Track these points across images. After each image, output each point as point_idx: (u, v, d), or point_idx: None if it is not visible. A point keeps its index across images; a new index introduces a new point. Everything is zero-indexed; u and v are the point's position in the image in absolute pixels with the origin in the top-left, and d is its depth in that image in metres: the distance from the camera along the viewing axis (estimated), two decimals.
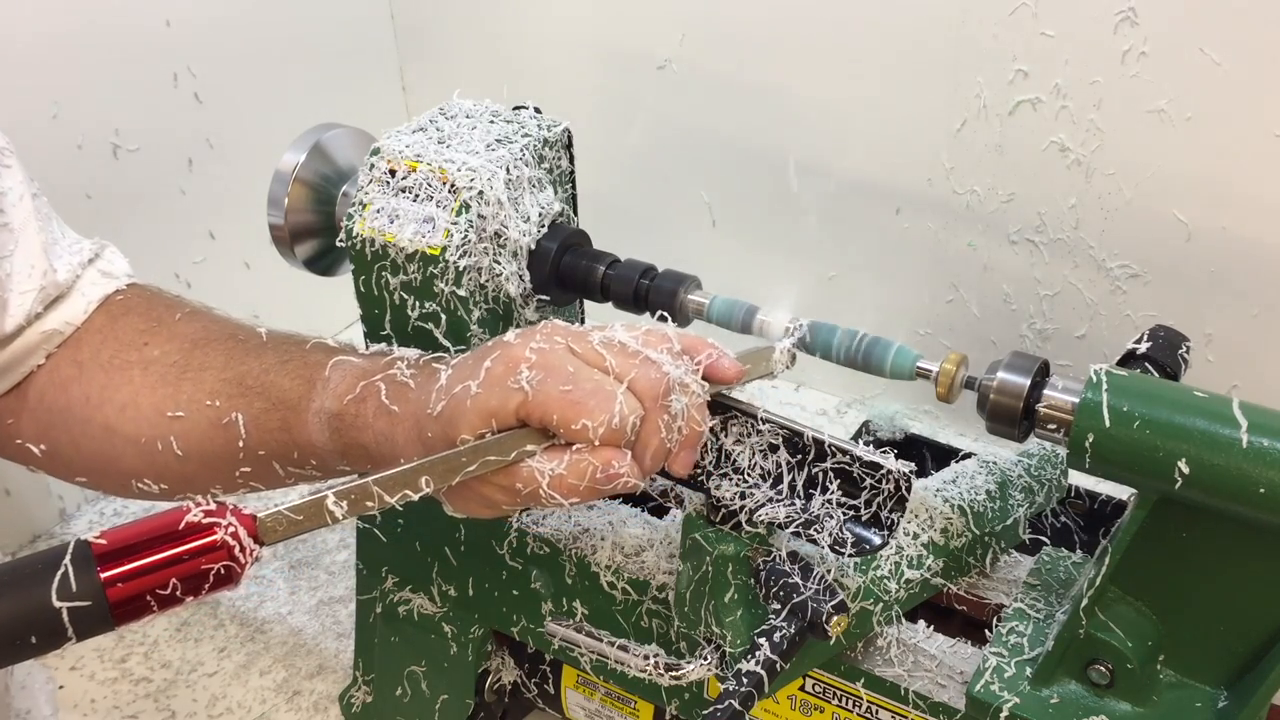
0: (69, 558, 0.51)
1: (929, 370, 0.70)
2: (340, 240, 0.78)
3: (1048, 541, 0.81)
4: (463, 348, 0.76)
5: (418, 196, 0.75)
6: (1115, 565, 0.64)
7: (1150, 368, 0.70)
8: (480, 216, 0.74)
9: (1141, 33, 0.98)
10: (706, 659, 0.69)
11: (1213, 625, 0.65)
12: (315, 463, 0.70)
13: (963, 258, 1.17)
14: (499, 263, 0.76)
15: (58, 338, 0.74)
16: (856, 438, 0.92)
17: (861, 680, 0.74)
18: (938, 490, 0.77)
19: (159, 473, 0.73)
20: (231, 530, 0.54)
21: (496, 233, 0.75)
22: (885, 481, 0.63)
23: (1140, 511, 0.62)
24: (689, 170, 1.30)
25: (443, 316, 0.76)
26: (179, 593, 0.53)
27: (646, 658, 0.69)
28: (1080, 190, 1.07)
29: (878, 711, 0.75)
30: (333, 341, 0.73)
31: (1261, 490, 0.57)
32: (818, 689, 0.77)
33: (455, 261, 0.74)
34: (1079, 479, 0.77)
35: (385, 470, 0.59)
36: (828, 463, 0.64)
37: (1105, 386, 0.61)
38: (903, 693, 0.73)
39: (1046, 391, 0.64)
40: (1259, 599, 0.63)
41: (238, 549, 0.54)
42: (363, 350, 0.72)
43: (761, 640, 0.64)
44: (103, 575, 0.52)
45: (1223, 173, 1.00)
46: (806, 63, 1.16)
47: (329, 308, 1.03)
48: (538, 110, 0.82)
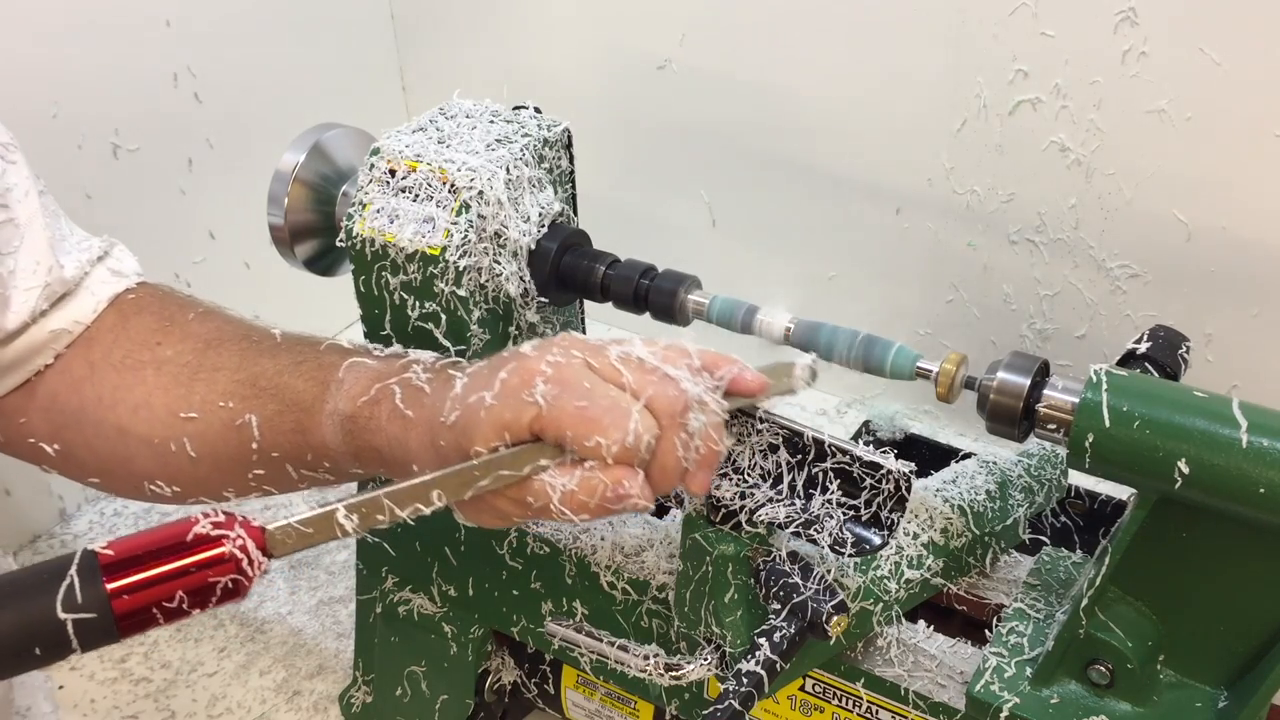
0: (75, 568, 0.50)
1: (929, 370, 0.70)
2: (340, 240, 0.78)
3: (1048, 541, 0.81)
4: (462, 348, 0.76)
5: (418, 196, 0.75)
6: (1115, 565, 0.64)
7: (1150, 368, 0.70)
8: (480, 216, 0.74)
9: (1141, 33, 0.98)
10: (706, 659, 0.69)
11: (1213, 625, 0.65)
12: (328, 465, 0.69)
13: (963, 258, 1.17)
14: (499, 263, 0.76)
15: (66, 337, 0.74)
16: (856, 438, 0.92)
17: (861, 680, 0.74)
18: (938, 490, 0.77)
19: (171, 475, 0.72)
20: (240, 543, 0.53)
21: (496, 233, 0.75)
22: (885, 481, 0.63)
23: (1140, 511, 0.62)
24: (689, 170, 1.30)
25: (443, 316, 0.76)
26: (185, 605, 0.52)
27: (646, 658, 0.69)
28: (1080, 190, 1.07)
29: (878, 711, 0.75)
30: (347, 343, 0.73)
31: (1261, 490, 0.57)
32: (818, 689, 0.77)
33: (455, 261, 0.74)
34: (1079, 479, 0.77)
35: (397, 481, 0.58)
36: (828, 463, 0.64)
37: (1105, 386, 0.61)
38: (903, 693, 0.73)
39: (1046, 391, 0.64)
40: (1259, 599, 0.63)
41: (246, 562, 0.53)
42: (377, 352, 0.71)
43: (761, 640, 0.64)
44: (109, 587, 0.51)
45: (1223, 173, 1.00)
46: (806, 63, 1.16)
47: (329, 308, 1.03)
48: (538, 110, 0.82)
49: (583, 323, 0.90)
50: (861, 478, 0.63)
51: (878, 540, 0.63)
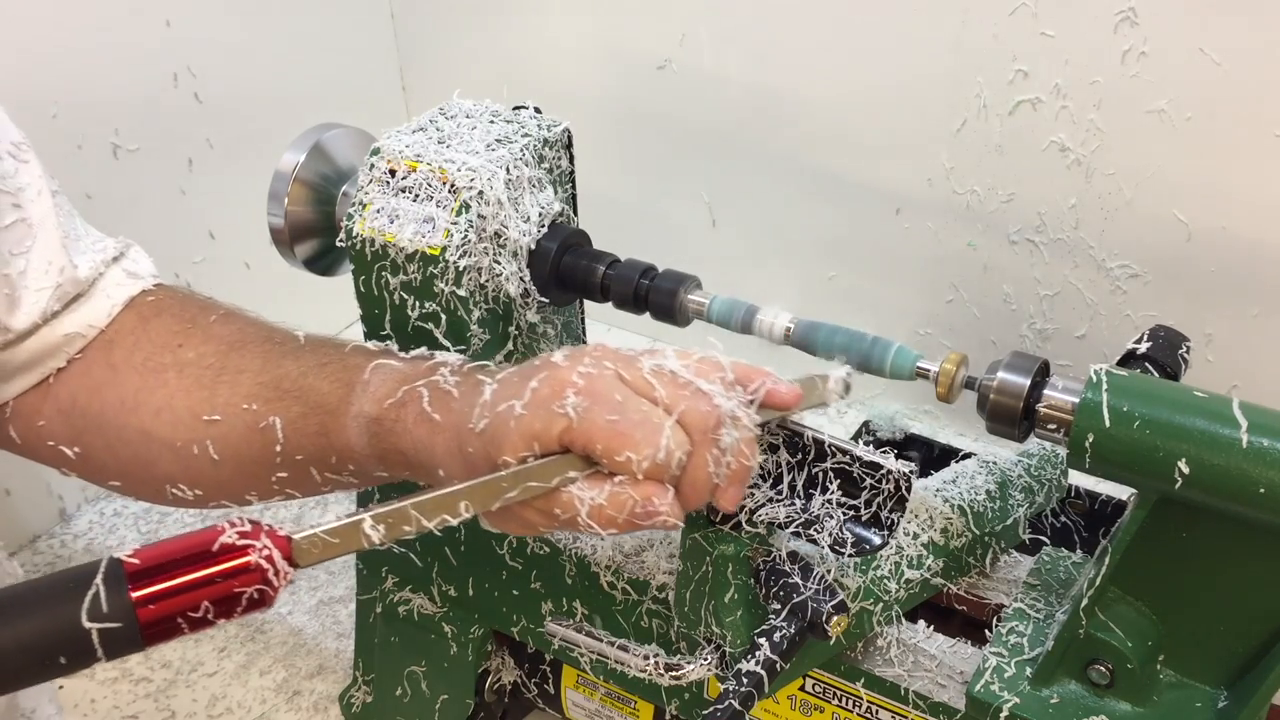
0: (100, 577, 0.50)
1: (929, 370, 0.70)
2: (340, 240, 0.78)
3: (1048, 541, 0.81)
4: (463, 348, 0.76)
5: (418, 196, 0.75)
6: (1115, 565, 0.64)
7: (1150, 368, 0.70)
8: (480, 216, 0.74)
9: (1141, 33, 0.98)
10: (706, 659, 0.68)
11: (1213, 625, 0.65)
12: (353, 468, 0.68)
13: (963, 258, 1.17)
14: (499, 263, 0.76)
15: (79, 341, 0.73)
16: (856, 438, 0.92)
17: (861, 680, 0.74)
18: (938, 490, 0.77)
19: (194, 478, 0.72)
20: (265, 553, 0.52)
21: (496, 233, 0.75)
22: (885, 481, 0.63)
23: (1140, 511, 0.62)
24: (689, 170, 1.30)
25: (443, 316, 0.76)
26: (210, 615, 0.52)
27: (646, 658, 0.69)
28: (1080, 190, 1.07)
29: (878, 711, 0.75)
30: (371, 344, 0.72)
31: (1261, 490, 0.57)
32: (818, 689, 0.77)
33: (455, 261, 0.73)
34: (1079, 479, 0.77)
35: (424, 491, 0.57)
36: (828, 463, 0.64)
37: (1105, 386, 0.61)
38: (903, 693, 0.73)
39: (1046, 391, 0.64)
40: (1259, 599, 0.63)
41: (271, 572, 0.52)
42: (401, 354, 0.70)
43: (761, 640, 0.64)
44: (134, 595, 0.50)
45: (1223, 173, 1.00)
46: (806, 63, 1.16)
47: (329, 308, 1.03)
48: (538, 110, 0.82)
49: (583, 323, 0.90)
50: (861, 478, 0.63)
51: (878, 540, 0.63)
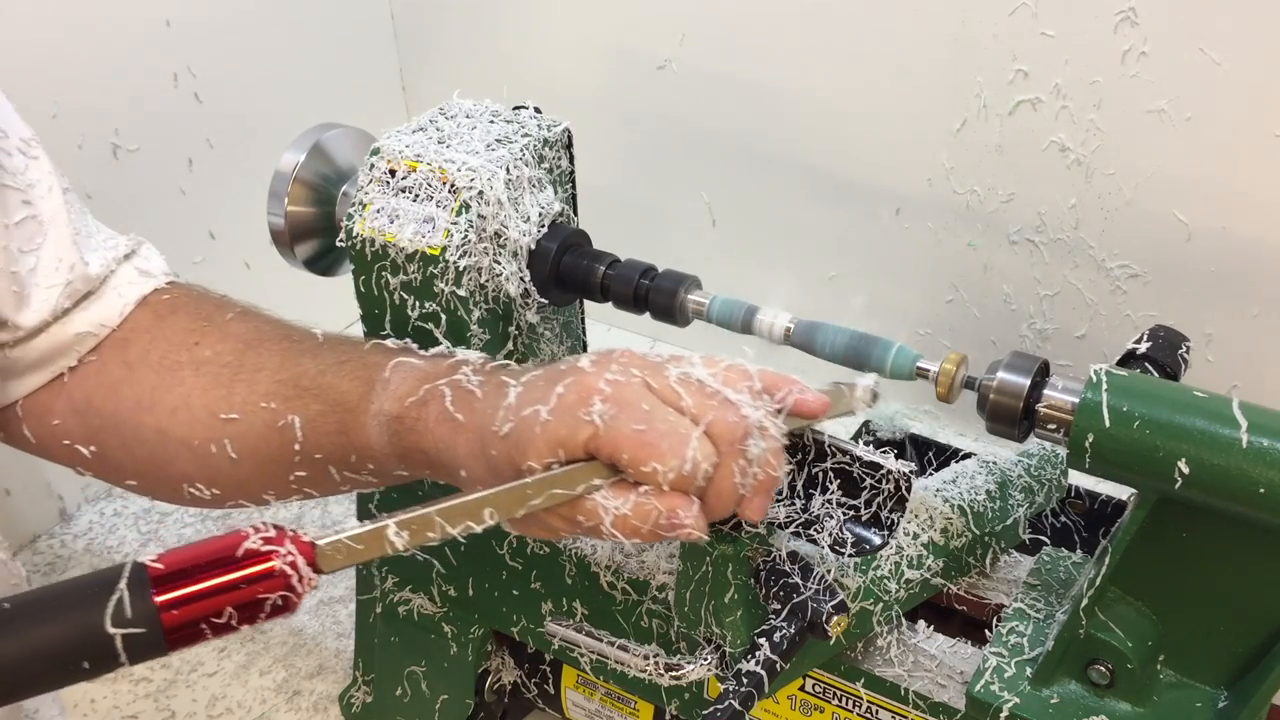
0: (125, 581, 0.50)
1: (929, 370, 0.70)
2: (340, 240, 0.78)
3: (1048, 541, 0.81)
4: (463, 347, 0.76)
5: (418, 196, 0.75)
6: (1115, 565, 0.64)
7: (1150, 368, 0.70)
8: (480, 216, 0.74)
9: (1141, 33, 0.98)
10: (706, 659, 0.68)
11: (1213, 625, 0.65)
12: (372, 467, 0.68)
13: (963, 258, 1.17)
14: (499, 263, 0.76)
15: (91, 340, 0.72)
16: (856, 438, 0.92)
17: (861, 680, 0.74)
18: (938, 490, 0.77)
19: (211, 477, 0.71)
20: (290, 559, 0.52)
21: (496, 233, 0.75)
22: (885, 481, 0.63)
23: (1140, 511, 0.62)
24: (689, 170, 1.30)
25: (443, 316, 0.76)
26: (234, 621, 0.51)
27: (646, 658, 0.69)
28: (1080, 190, 1.07)
29: (878, 711, 0.75)
30: (391, 343, 0.72)
31: (1261, 490, 0.57)
32: (818, 689, 0.77)
33: (455, 261, 0.73)
34: (1079, 479, 0.77)
35: (447, 497, 0.57)
36: (828, 463, 0.64)
37: (1105, 386, 0.61)
38: (903, 693, 0.73)
39: (1046, 391, 0.64)
40: (1259, 599, 0.63)
41: (296, 578, 0.52)
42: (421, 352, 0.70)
43: (761, 640, 0.64)
44: (158, 600, 0.50)
45: (1223, 173, 1.00)
46: (807, 63, 1.16)
47: (329, 308, 1.03)
48: (538, 110, 0.82)
49: (583, 323, 0.90)
50: (861, 478, 0.63)
51: (878, 540, 0.63)
